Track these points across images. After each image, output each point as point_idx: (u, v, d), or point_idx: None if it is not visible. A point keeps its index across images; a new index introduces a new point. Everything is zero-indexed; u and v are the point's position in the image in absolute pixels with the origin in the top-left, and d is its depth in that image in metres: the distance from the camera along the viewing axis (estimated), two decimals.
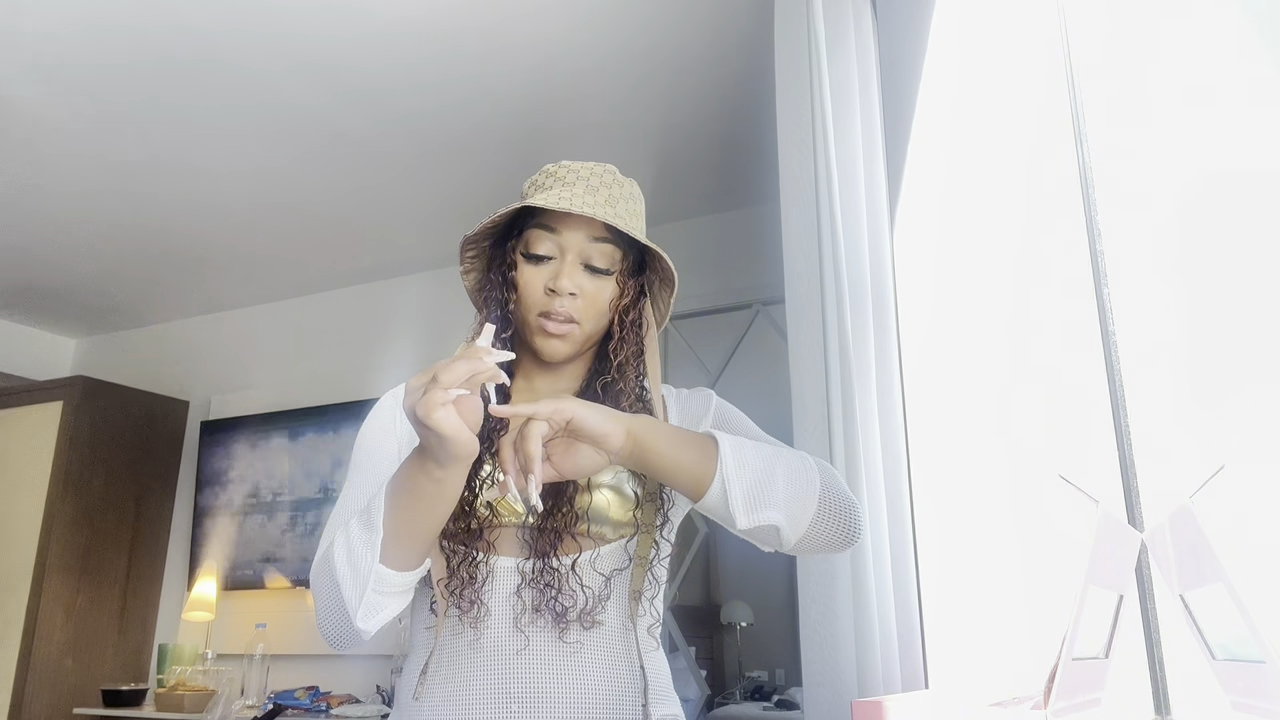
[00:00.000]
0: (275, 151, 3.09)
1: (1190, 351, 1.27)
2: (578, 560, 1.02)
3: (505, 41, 2.51)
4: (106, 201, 3.42)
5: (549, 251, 1.06)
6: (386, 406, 1.14)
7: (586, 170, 1.10)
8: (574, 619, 1.01)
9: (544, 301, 1.06)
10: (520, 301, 1.08)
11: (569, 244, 1.06)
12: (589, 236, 1.06)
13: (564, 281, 1.05)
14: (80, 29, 2.44)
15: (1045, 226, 1.46)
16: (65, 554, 3.88)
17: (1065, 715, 0.64)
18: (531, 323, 1.07)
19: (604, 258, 1.07)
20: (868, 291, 1.62)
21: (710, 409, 1.16)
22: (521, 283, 1.07)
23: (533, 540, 1.02)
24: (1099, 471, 1.01)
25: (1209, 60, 1.35)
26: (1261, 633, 0.67)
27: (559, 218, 1.07)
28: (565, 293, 1.05)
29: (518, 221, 1.10)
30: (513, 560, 1.03)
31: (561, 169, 1.11)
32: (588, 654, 1.02)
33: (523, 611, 1.01)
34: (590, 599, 1.02)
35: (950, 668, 1.45)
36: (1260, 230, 1.27)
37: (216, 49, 2.53)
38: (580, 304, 1.06)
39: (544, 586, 1.00)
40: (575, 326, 1.06)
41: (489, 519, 1.03)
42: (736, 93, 2.74)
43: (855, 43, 1.74)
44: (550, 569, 1.01)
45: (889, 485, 1.55)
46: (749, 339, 3.29)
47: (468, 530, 1.03)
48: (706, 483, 0.96)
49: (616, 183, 1.11)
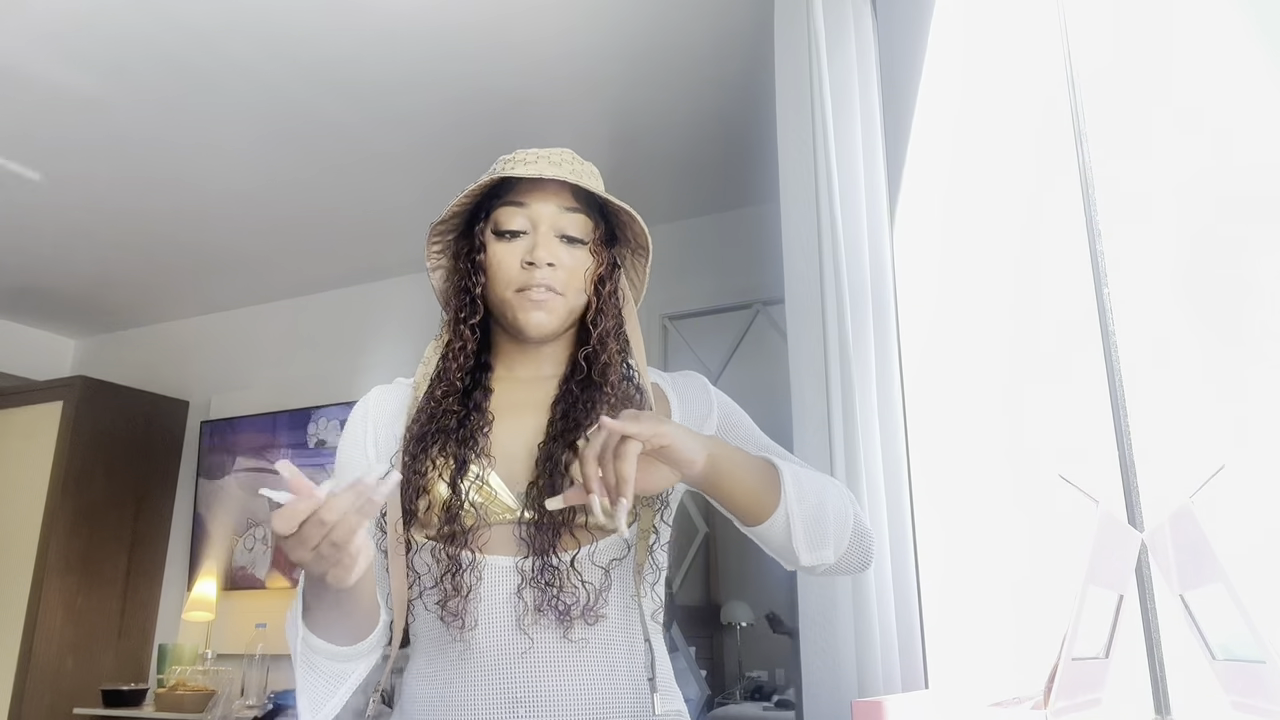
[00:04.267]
0: (275, 152, 3.09)
1: (1190, 351, 1.27)
2: (577, 555, 0.99)
3: (504, 42, 2.51)
4: (107, 202, 3.42)
5: (520, 226, 1.04)
6: (357, 418, 1.11)
7: (545, 152, 1.08)
8: (577, 616, 0.97)
9: (520, 276, 1.03)
10: (493, 281, 1.04)
11: (540, 216, 1.04)
12: (560, 207, 1.05)
13: (541, 252, 1.02)
14: (81, 30, 2.44)
15: (1045, 226, 1.46)
16: (65, 554, 3.88)
17: (1065, 715, 0.64)
18: (510, 299, 1.04)
19: (578, 227, 1.05)
20: (868, 291, 1.62)
21: (713, 407, 1.13)
22: (494, 262, 1.04)
23: (530, 537, 0.98)
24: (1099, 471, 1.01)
25: (1209, 60, 1.35)
26: (1261, 633, 0.67)
27: (528, 192, 1.04)
28: (543, 264, 1.02)
29: (482, 207, 1.07)
30: (510, 559, 0.98)
31: (520, 154, 1.08)
32: (592, 650, 0.99)
33: (525, 612, 0.97)
34: (591, 594, 0.98)
35: (950, 668, 1.45)
36: (1260, 230, 1.27)
37: (217, 50, 2.53)
38: (560, 275, 1.03)
39: (545, 585, 0.96)
40: (557, 296, 1.03)
41: (477, 522, 0.99)
42: (736, 93, 2.74)
43: (855, 43, 1.74)
44: (550, 567, 0.97)
45: (889, 485, 1.55)
46: (749, 339, 3.29)
47: (451, 538, 0.98)
48: (769, 510, 0.96)
49: (577, 159, 1.09)
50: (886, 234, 1.68)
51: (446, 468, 0.99)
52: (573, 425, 1.01)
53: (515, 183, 1.06)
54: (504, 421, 1.04)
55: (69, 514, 3.92)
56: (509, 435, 1.04)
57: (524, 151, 1.08)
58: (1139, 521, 0.86)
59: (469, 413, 1.04)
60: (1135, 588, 0.77)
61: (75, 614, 3.89)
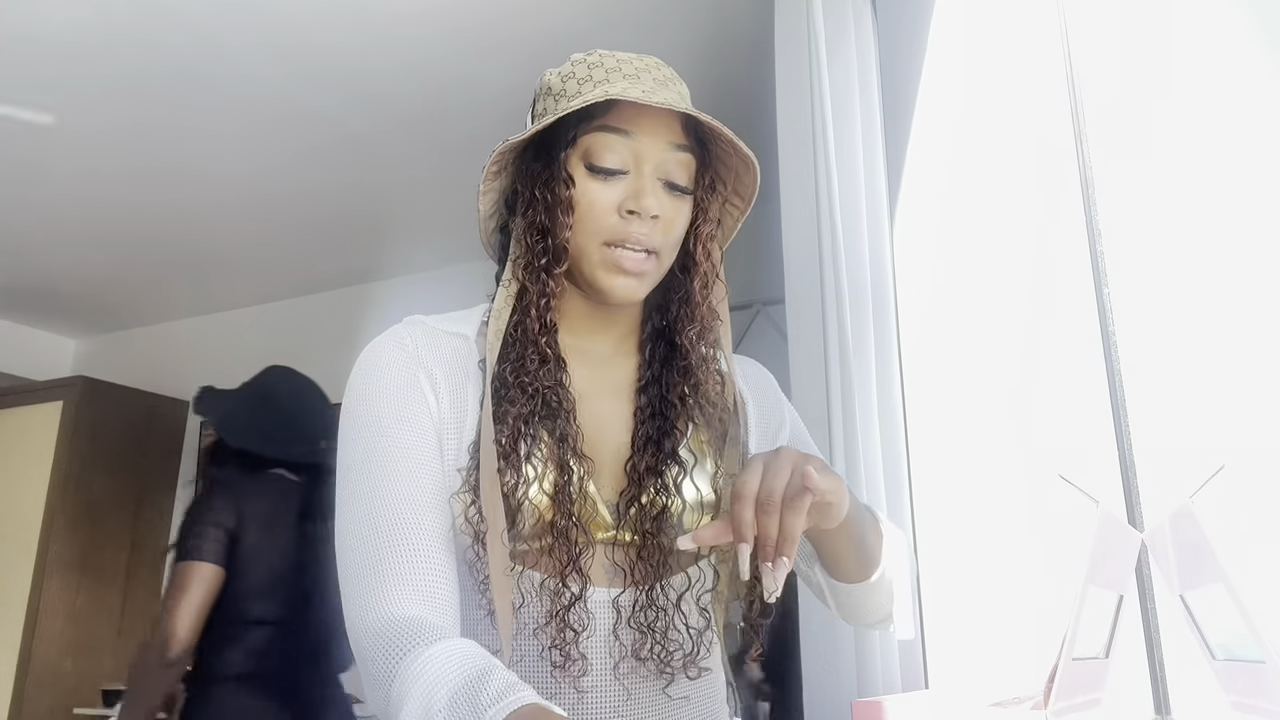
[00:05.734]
0: (275, 151, 3.09)
1: (1190, 351, 1.27)
2: (684, 593, 0.82)
3: (505, 39, 2.51)
4: (107, 201, 3.42)
5: (621, 164, 0.82)
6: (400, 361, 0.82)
7: (640, 61, 0.86)
8: (679, 667, 0.80)
9: (616, 227, 0.81)
10: (580, 226, 0.82)
11: (647, 153, 0.82)
12: (669, 143, 0.83)
13: (648, 200, 0.81)
14: (81, 30, 2.43)
15: (1045, 227, 1.46)
16: (65, 554, 3.88)
17: (1065, 715, 0.64)
18: (594, 256, 0.82)
19: (685, 172, 0.84)
20: (868, 291, 1.62)
21: (785, 419, 0.99)
22: (584, 201, 0.82)
23: (629, 565, 0.81)
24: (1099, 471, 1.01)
25: (1209, 60, 1.35)
26: (1261, 633, 0.67)
27: (632, 118, 0.82)
28: (649, 215, 0.81)
29: (567, 128, 0.83)
30: (605, 591, 0.80)
31: (610, 58, 0.85)
32: (694, 710, 0.83)
33: (622, 657, 0.79)
34: (695, 640, 0.82)
35: (950, 668, 1.45)
36: (1260, 230, 1.27)
37: (217, 49, 2.53)
38: (660, 229, 0.83)
39: (646, 627, 0.79)
40: (653, 258, 0.83)
41: (588, 543, 0.79)
42: (736, 93, 2.74)
43: (855, 43, 1.74)
44: (654, 605, 0.80)
45: (889, 485, 1.55)
46: (749, 339, 3.29)
47: (563, 564, 0.77)
48: (870, 570, 0.87)
49: (677, 79, 0.88)
50: (886, 234, 1.68)
51: (549, 469, 0.80)
52: (669, 428, 0.85)
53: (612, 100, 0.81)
54: (582, 407, 0.85)
55: (69, 514, 3.92)
56: (592, 426, 0.84)
57: (613, 56, 0.85)
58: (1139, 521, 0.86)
59: (554, 389, 0.83)
60: (1135, 588, 0.77)
61: (75, 614, 3.89)
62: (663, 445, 0.84)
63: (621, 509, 0.82)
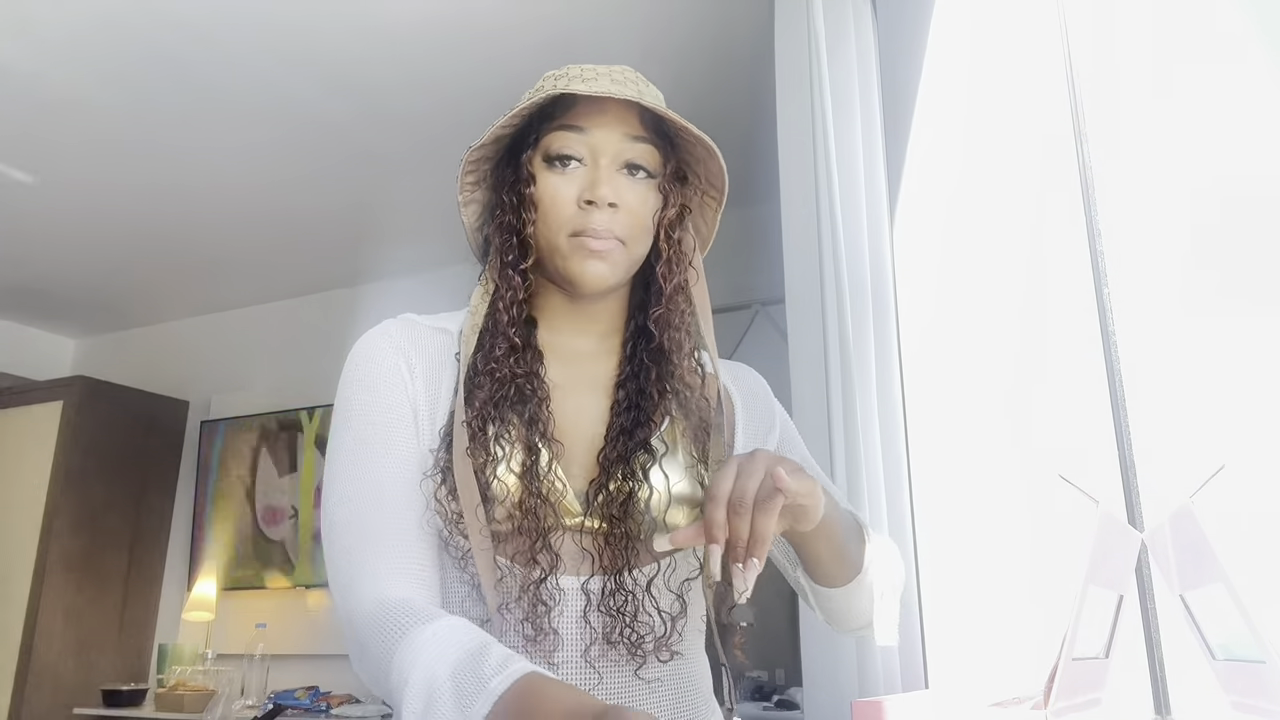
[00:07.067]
0: (275, 152, 3.09)
1: (1190, 351, 1.27)
2: (654, 578, 0.83)
3: (504, 44, 2.51)
4: (107, 202, 3.42)
5: (577, 154, 0.86)
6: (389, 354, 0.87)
7: (605, 68, 0.89)
8: (650, 650, 0.82)
9: (576, 218, 0.85)
10: (543, 220, 0.86)
11: (602, 144, 0.86)
12: (625, 135, 0.87)
13: (603, 189, 0.84)
14: (81, 30, 2.43)
15: (1045, 226, 1.46)
16: (65, 554, 3.88)
17: (1065, 715, 0.64)
18: (561, 246, 0.85)
19: (647, 158, 0.88)
20: (868, 291, 1.62)
21: (776, 422, 1.00)
22: (545, 196, 0.86)
23: (598, 550, 0.83)
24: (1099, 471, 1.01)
25: (1209, 60, 1.35)
26: (1261, 633, 0.67)
27: (587, 114, 0.87)
28: (605, 203, 0.84)
29: (529, 131, 0.89)
30: (574, 578, 0.82)
31: (575, 68, 0.89)
32: (667, 692, 0.84)
33: (593, 641, 0.81)
34: (667, 624, 0.83)
35: (950, 668, 1.45)
36: (1261, 229, 1.27)
37: (217, 50, 2.53)
38: (622, 217, 0.85)
39: (615, 611, 0.81)
40: (619, 244, 0.86)
41: (556, 525, 0.82)
42: (736, 93, 2.74)
43: (855, 43, 1.74)
44: (623, 590, 0.81)
45: (889, 485, 1.55)
46: (749, 339, 3.29)
47: (532, 540, 0.80)
48: (850, 574, 0.88)
49: (642, 79, 0.91)
50: (886, 234, 1.68)
51: (517, 450, 0.83)
52: (644, 420, 0.87)
53: (571, 104, 0.88)
54: (559, 399, 0.88)
55: (69, 514, 3.92)
56: (567, 418, 0.88)
57: (579, 67, 0.89)
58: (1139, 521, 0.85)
59: (527, 378, 0.87)
60: (1135, 588, 0.77)
61: (75, 614, 3.89)
62: (635, 435, 0.86)
63: (590, 496, 0.84)
